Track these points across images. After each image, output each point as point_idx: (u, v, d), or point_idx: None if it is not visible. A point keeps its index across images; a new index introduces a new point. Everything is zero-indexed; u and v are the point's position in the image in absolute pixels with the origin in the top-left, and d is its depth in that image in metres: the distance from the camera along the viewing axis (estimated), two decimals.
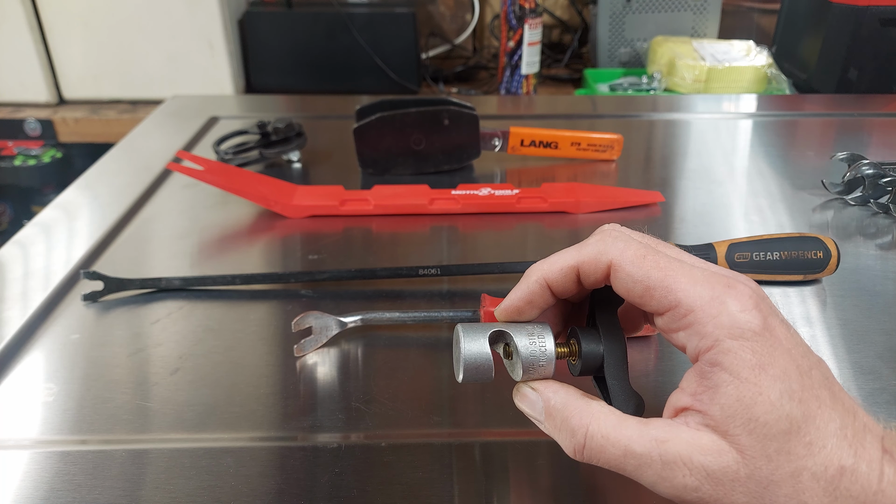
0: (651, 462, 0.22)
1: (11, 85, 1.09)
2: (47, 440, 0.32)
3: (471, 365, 0.25)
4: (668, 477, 0.22)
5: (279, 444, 0.31)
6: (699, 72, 0.96)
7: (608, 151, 0.62)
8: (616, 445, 0.23)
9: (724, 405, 0.21)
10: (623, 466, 0.23)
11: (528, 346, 0.25)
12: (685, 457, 0.22)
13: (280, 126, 0.61)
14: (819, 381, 0.22)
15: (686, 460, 0.21)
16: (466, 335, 0.25)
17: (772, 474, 0.21)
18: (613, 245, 0.24)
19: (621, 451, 0.22)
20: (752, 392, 0.21)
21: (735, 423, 0.21)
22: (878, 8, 0.86)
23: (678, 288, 0.23)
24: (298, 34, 1.10)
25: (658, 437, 0.22)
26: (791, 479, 0.21)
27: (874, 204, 0.53)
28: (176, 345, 0.38)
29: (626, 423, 0.23)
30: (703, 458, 0.21)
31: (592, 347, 0.25)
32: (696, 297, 0.22)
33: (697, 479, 0.21)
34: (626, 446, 0.22)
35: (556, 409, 0.24)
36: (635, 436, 0.22)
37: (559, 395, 0.25)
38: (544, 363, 0.25)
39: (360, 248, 0.49)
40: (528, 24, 1.00)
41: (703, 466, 0.21)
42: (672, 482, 0.22)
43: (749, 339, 0.22)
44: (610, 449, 0.23)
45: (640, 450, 0.22)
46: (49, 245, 0.49)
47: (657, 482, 0.22)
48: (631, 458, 0.22)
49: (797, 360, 0.22)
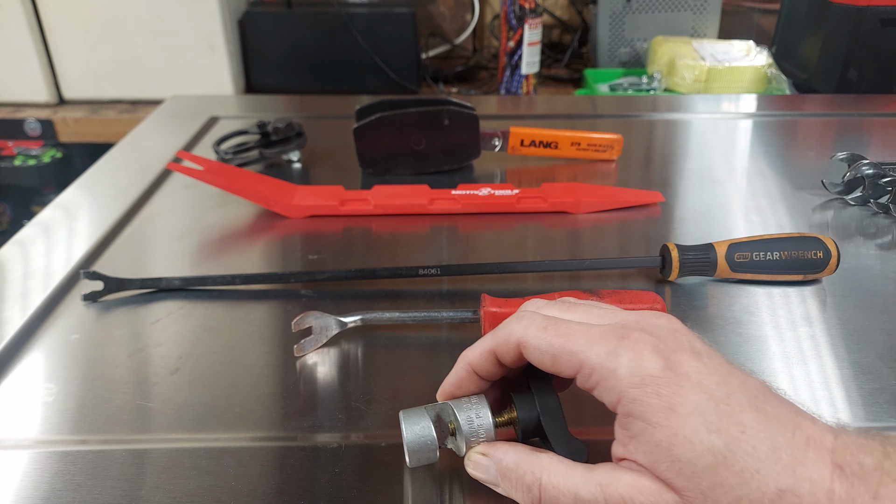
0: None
1: (11, 85, 1.09)
2: (47, 440, 0.32)
3: (414, 448, 0.27)
4: None
5: (279, 443, 0.31)
6: (699, 72, 0.96)
7: (608, 151, 0.62)
8: (567, 494, 0.24)
9: (647, 452, 0.22)
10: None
11: (468, 422, 0.27)
12: (627, 499, 0.22)
13: (280, 126, 0.61)
14: (741, 405, 0.22)
15: (628, 502, 0.22)
16: (407, 420, 0.27)
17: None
18: (518, 324, 0.26)
19: (572, 498, 0.23)
20: (667, 434, 0.22)
21: (662, 467, 0.22)
22: (878, 8, 0.86)
23: (578, 350, 0.24)
24: (298, 34, 1.10)
25: (601, 481, 0.23)
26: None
27: (874, 204, 0.53)
28: (176, 345, 0.38)
29: (574, 471, 0.24)
30: (643, 498, 0.22)
31: (528, 412, 0.27)
32: (594, 356, 0.23)
33: None
34: (575, 493, 0.23)
35: (510, 468, 0.25)
36: (581, 482, 0.24)
37: (509, 454, 0.26)
38: (484, 435, 0.27)
39: (360, 248, 0.49)
40: (528, 24, 1.00)
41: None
42: None
43: (650, 384, 0.22)
44: (562, 498, 0.24)
45: (587, 495, 0.23)
46: (49, 245, 0.49)
47: None
48: (582, 502, 0.23)
49: (710, 391, 0.22)
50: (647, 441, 0.22)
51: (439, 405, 0.28)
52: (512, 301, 0.37)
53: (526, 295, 0.42)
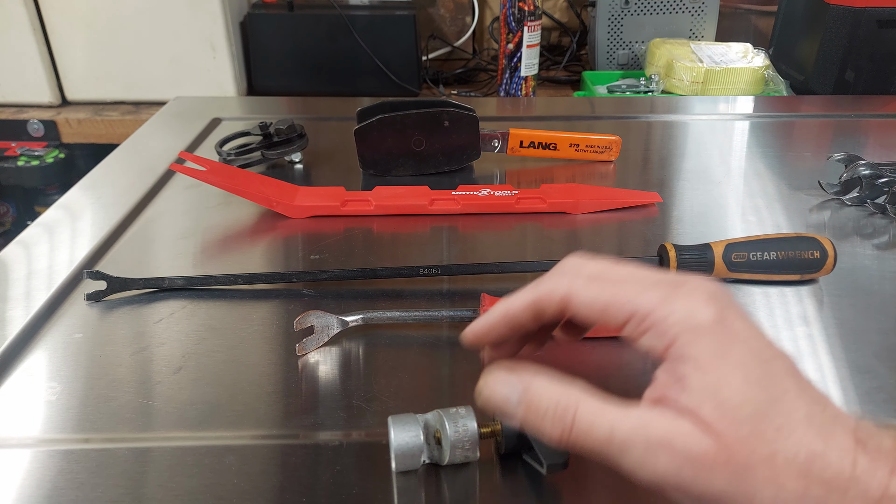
0: (634, 444, 0.22)
1: (15, 86, 1.09)
2: (50, 439, 0.32)
3: (401, 453, 0.28)
4: (650, 461, 0.22)
5: (281, 441, 0.32)
6: (697, 73, 0.96)
7: (606, 153, 0.62)
8: (602, 427, 0.23)
9: (692, 394, 0.22)
10: (607, 449, 0.23)
11: (455, 432, 0.28)
12: (666, 440, 0.22)
13: (282, 127, 0.61)
14: (782, 371, 0.22)
15: (667, 443, 0.22)
16: (396, 426, 0.28)
17: (748, 458, 0.21)
18: (563, 278, 0.25)
19: (606, 433, 0.22)
20: (715, 379, 0.22)
21: (705, 410, 0.22)
22: (875, 9, 0.86)
23: (629, 299, 0.24)
24: (300, 36, 1.11)
25: (642, 418, 0.22)
26: (767, 462, 0.21)
27: (871, 204, 0.53)
28: (179, 344, 0.38)
29: (610, 405, 0.23)
30: (683, 441, 0.22)
31: (511, 423, 0.26)
32: (647, 302, 0.23)
33: (678, 462, 0.22)
34: (612, 427, 0.22)
35: (539, 393, 0.24)
36: (619, 417, 0.23)
37: (540, 376, 0.24)
38: (469, 446, 0.28)
39: (361, 248, 0.49)
40: (528, 26, 1.01)
41: (684, 450, 0.21)
42: (654, 466, 0.22)
43: (704, 332, 0.22)
44: (596, 431, 0.23)
45: (625, 431, 0.22)
46: (52, 245, 0.49)
47: (639, 467, 0.22)
48: (616, 441, 0.22)
49: (756, 351, 0.23)
50: (694, 384, 0.22)
51: (428, 414, 0.29)
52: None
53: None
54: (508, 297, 0.27)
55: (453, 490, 0.29)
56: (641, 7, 1.10)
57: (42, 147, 1.10)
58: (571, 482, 0.29)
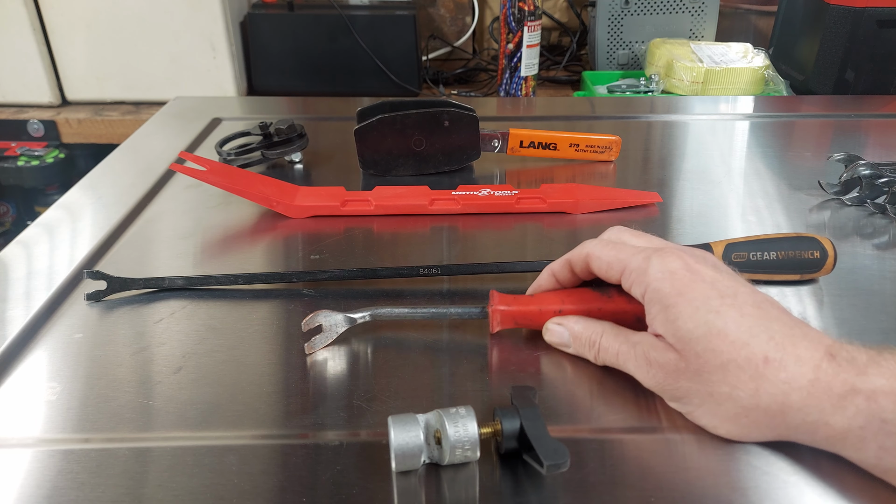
0: (631, 357, 0.32)
1: (15, 86, 1.09)
2: (50, 439, 0.32)
3: (401, 453, 0.28)
4: (641, 367, 0.32)
5: (281, 441, 0.32)
6: (697, 73, 0.96)
7: (606, 153, 0.62)
8: (612, 349, 0.33)
9: (661, 325, 0.30)
10: (617, 362, 0.33)
11: (455, 432, 0.28)
12: (647, 353, 0.31)
13: (282, 127, 0.61)
14: (745, 302, 0.29)
15: (648, 355, 0.31)
16: (396, 426, 0.29)
17: (703, 367, 0.29)
18: (590, 243, 0.35)
19: (615, 352, 0.33)
20: (673, 312, 0.30)
21: (669, 335, 0.30)
22: (875, 9, 0.86)
23: (623, 259, 0.33)
24: (300, 36, 1.11)
25: (634, 340, 0.32)
26: (720, 369, 0.28)
27: (871, 204, 0.53)
28: (179, 344, 0.38)
29: (620, 335, 0.33)
30: (656, 354, 0.31)
31: (511, 423, 0.29)
32: (635, 261, 0.32)
33: (655, 369, 0.31)
34: (618, 349, 0.33)
35: (579, 333, 0.35)
36: (623, 341, 0.33)
37: (579, 323, 0.35)
38: (469, 446, 0.28)
39: (361, 247, 0.49)
40: (528, 26, 1.01)
41: (657, 360, 0.31)
42: (645, 372, 0.32)
43: (667, 278, 0.30)
44: (610, 350, 0.33)
45: (625, 349, 0.33)
46: (52, 245, 0.49)
47: (636, 372, 0.32)
48: (621, 356, 0.33)
49: (719, 289, 0.30)
50: (661, 318, 0.30)
51: (428, 413, 0.29)
52: (520, 298, 0.37)
53: (525, 294, 0.42)
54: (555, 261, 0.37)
55: (453, 490, 0.29)
56: (641, 7, 1.10)
57: (42, 147, 1.10)
58: (571, 483, 0.29)
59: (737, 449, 0.30)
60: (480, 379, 0.35)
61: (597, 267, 0.34)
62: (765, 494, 0.28)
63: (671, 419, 0.32)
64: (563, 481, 0.29)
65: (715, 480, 0.29)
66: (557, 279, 0.37)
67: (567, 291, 0.37)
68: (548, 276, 0.37)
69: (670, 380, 0.30)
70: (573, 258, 0.36)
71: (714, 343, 0.28)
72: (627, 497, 0.28)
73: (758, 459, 0.30)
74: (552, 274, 0.37)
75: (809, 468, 0.29)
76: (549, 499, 0.28)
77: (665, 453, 0.30)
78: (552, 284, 0.38)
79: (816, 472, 0.29)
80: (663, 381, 0.31)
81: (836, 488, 0.28)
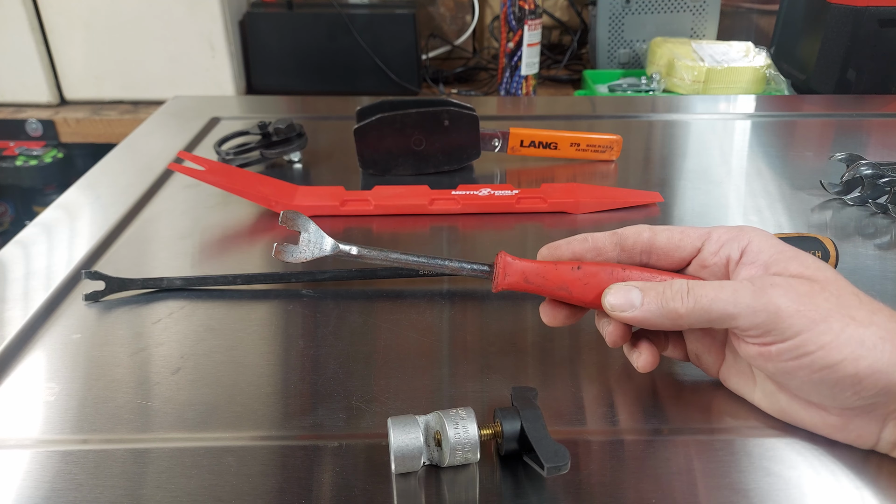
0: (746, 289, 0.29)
1: (13, 85, 1.09)
2: (49, 439, 0.32)
3: (401, 455, 0.28)
4: (760, 296, 0.28)
5: (280, 442, 0.31)
6: (698, 73, 0.96)
7: (607, 152, 0.62)
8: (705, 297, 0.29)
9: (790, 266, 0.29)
10: (709, 311, 0.29)
11: (455, 434, 0.28)
12: (769, 283, 0.28)
13: (281, 127, 0.61)
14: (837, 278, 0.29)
15: (772, 283, 0.29)
16: (396, 427, 0.28)
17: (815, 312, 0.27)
18: (645, 225, 0.33)
19: (709, 300, 0.29)
20: (800, 256, 0.30)
21: (809, 270, 0.29)
22: (877, 9, 0.86)
23: (705, 228, 0.32)
24: (299, 35, 1.11)
25: (734, 287, 0.29)
26: (853, 295, 0.28)
27: (873, 204, 0.53)
28: (177, 344, 0.38)
29: (708, 285, 0.29)
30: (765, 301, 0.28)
31: (511, 424, 0.29)
32: (719, 229, 0.32)
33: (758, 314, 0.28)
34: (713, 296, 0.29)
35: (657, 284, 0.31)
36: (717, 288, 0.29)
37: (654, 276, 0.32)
38: (469, 448, 0.28)
39: None
40: (528, 25, 1.00)
41: (791, 284, 0.28)
42: (768, 297, 0.28)
43: (772, 241, 0.31)
44: (703, 300, 0.29)
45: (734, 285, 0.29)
46: (51, 245, 0.49)
47: (752, 302, 0.28)
48: (727, 290, 0.29)
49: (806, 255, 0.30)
50: (787, 260, 0.30)
51: (428, 415, 0.29)
52: (529, 261, 0.33)
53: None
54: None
55: (453, 492, 0.29)
56: (642, 6, 1.10)
57: (40, 147, 1.10)
58: (572, 484, 0.29)
59: (737, 450, 0.30)
60: (480, 380, 0.35)
61: (665, 237, 0.32)
62: (765, 495, 0.28)
63: (671, 420, 0.32)
64: (564, 483, 0.29)
65: (715, 482, 0.29)
66: (596, 242, 0.33)
67: (585, 265, 0.32)
68: (581, 241, 0.33)
69: (781, 324, 0.27)
70: (625, 231, 0.33)
71: (818, 299, 0.28)
72: (628, 498, 0.28)
73: (758, 460, 0.30)
74: (586, 241, 0.33)
75: (810, 469, 0.29)
76: (549, 500, 0.28)
77: (665, 455, 0.30)
78: (582, 249, 0.33)
79: (817, 473, 0.29)
80: (770, 325, 0.28)
81: (837, 489, 0.28)
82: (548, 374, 0.36)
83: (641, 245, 0.32)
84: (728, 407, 0.33)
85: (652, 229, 0.32)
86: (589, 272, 0.32)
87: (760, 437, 0.31)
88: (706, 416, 0.32)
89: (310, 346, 0.38)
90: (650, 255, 0.33)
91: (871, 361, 0.26)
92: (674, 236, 0.32)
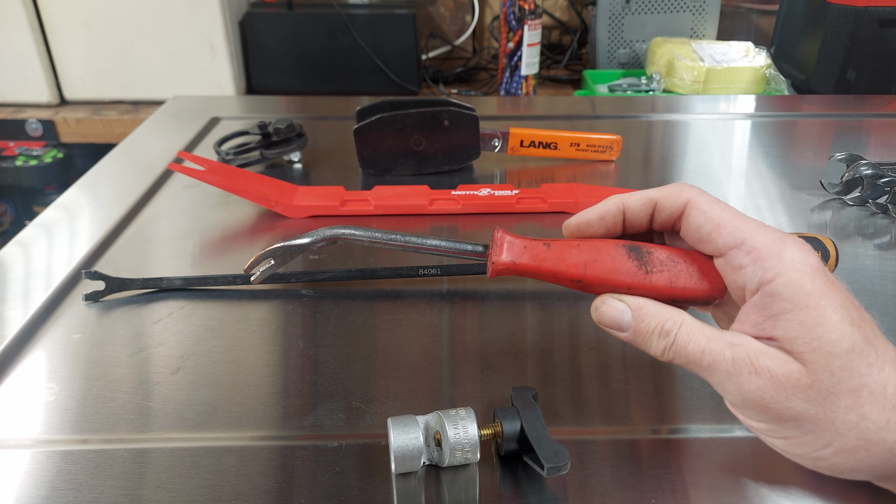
0: (723, 360, 0.25)
1: (13, 86, 1.09)
2: (49, 439, 0.32)
3: (401, 455, 0.28)
4: (734, 374, 0.25)
5: (280, 443, 0.31)
6: (698, 73, 0.96)
7: (607, 152, 0.62)
8: (698, 343, 0.26)
9: (787, 329, 0.24)
10: (699, 362, 0.26)
11: (455, 434, 0.28)
12: (752, 358, 0.25)
13: (281, 127, 0.61)
14: (872, 322, 0.25)
15: (753, 361, 0.25)
16: (396, 427, 0.28)
17: (833, 387, 0.24)
18: (691, 189, 0.28)
19: (700, 348, 0.26)
20: (813, 316, 0.24)
21: (798, 343, 0.24)
22: (877, 9, 0.86)
23: (745, 229, 0.26)
24: (299, 35, 1.11)
25: (731, 340, 0.25)
26: (851, 393, 0.24)
27: (873, 204, 0.53)
28: (177, 344, 0.38)
29: (707, 328, 0.26)
30: (768, 361, 0.25)
31: (511, 424, 0.28)
32: (761, 238, 0.26)
33: (761, 380, 0.24)
34: (706, 344, 0.26)
35: (650, 314, 0.27)
36: (713, 335, 0.26)
37: (650, 304, 0.27)
38: (469, 448, 0.28)
39: (360, 248, 0.49)
40: (528, 25, 1.00)
41: (768, 368, 0.24)
42: (738, 382, 0.25)
43: (808, 273, 0.25)
44: (692, 346, 0.26)
45: (715, 348, 0.25)
46: (50, 245, 0.49)
47: (725, 381, 0.25)
48: (707, 356, 0.26)
49: (852, 300, 0.25)
50: (790, 319, 0.24)
51: (428, 415, 0.29)
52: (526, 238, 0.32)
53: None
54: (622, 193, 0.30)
55: (453, 492, 0.29)
56: (642, 6, 1.10)
57: (40, 147, 1.10)
58: (572, 485, 0.29)
59: (737, 450, 0.30)
60: (480, 380, 0.35)
61: (696, 223, 0.27)
62: (765, 496, 0.28)
63: (671, 421, 0.32)
64: (564, 483, 0.29)
65: (715, 482, 0.29)
66: (627, 217, 0.29)
67: (594, 247, 0.29)
68: (615, 208, 0.29)
69: (782, 396, 0.24)
70: (664, 199, 0.28)
71: (853, 363, 0.24)
72: (628, 499, 0.28)
73: (759, 461, 0.30)
74: (621, 208, 0.29)
75: (810, 469, 0.29)
76: (549, 501, 0.28)
77: (665, 455, 0.30)
78: (614, 223, 0.29)
79: (817, 474, 0.29)
80: (770, 397, 0.24)
81: (837, 489, 0.28)
82: (548, 374, 0.35)
83: (672, 220, 0.29)
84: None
85: (692, 202, 0.27)
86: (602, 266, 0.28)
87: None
88: (706, 416, 0.32)
89: (310, 346, 0.38)
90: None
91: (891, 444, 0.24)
92: (704, 227, 0.27)
